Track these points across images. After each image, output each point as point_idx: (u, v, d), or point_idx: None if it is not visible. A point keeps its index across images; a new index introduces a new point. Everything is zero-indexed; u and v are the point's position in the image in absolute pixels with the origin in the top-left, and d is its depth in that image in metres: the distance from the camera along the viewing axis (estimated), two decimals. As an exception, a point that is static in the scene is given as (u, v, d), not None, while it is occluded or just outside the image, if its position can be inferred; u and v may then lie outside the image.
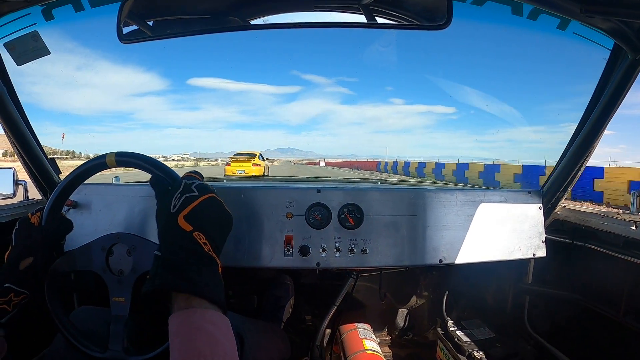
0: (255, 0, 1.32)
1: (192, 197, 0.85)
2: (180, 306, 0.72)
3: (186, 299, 0.72)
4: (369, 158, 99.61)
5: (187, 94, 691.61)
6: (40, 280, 1.03)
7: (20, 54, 1.47)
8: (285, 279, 2.23)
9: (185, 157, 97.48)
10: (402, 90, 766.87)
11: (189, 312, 0.71)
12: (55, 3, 1.39)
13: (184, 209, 0.82)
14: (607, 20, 1.27)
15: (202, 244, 0.80)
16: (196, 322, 0.70)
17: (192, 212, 0.82)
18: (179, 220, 0.81)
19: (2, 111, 1.49)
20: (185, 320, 0.70)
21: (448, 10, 1.14)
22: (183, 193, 0.85)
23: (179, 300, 0.72)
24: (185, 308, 0.72)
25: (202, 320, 0.70)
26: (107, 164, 1.03)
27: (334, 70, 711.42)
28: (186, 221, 0.81)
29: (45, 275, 1.04)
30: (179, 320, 0.71)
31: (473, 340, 1.88)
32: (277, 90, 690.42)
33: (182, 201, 0.84)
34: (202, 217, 0.83)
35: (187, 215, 0.82)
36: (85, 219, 1.56)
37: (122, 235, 1.05)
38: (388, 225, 1.59)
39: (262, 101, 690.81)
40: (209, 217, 0.85)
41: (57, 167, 1.74)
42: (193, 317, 0.71)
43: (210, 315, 0.72)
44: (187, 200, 0.84)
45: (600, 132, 1.53)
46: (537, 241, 1.69)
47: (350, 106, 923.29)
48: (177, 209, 0.83)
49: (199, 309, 0.72)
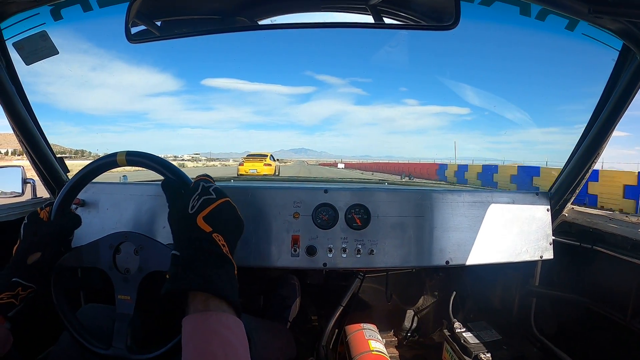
0: (263, 0, 1.32)
1: (210, 200, 0.85)
2: (197, 308, 0.72)
3: (204, 301, 0.73)
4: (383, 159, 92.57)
5: (201, 95, 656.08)
6: (47, 275, 1.04)
7: (29, 54, 1.48)
8: (292, 279, 2.23)
9: (196, 157, 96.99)
10: (416, 91, 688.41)
11: (206, 315, 0.71)
12: (64, 3, 1.40)
13: (203, 210, 0.83)
14: (615, 21, 1.27)
15: (221, 245, 0.80)
16: (212, 326, 0.70)
17: (211, 214, 0.83)
18: (197, 221, 0.82)
19: (11, 110, 1.50)
20: (201, 323, 0.70)
21: (456, 10, 1.13)
22: (201, 195, 0.86)
23: (196, 302, 0.73)
24: (202, 310, 0.72)
25: (218, 324, 0.71)
26: (117, 163, 1.04)
27: (348, 70, 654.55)
28: (205, 222, 0.82)
29: (52, 271, 1.05)
30: (194, 323, 0.71)
31: (479, 342, 1.86)
32: (290, 91, 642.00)
33: (201, 203, 0.84)
34: (220, 219, 0.84)
35: (206, 217, 0.82)
36: (93, 217, 1.57)
37: (130, 234, 1.05)
38: (395, 226, 1.59)
39: (275, 101, 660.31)
40: (226, 220, 0.86)
41: (65, 166, 1.76)
42: (209, 320, 0.71)
43: (226, 319, 0.72)
44: (206, 202, 0.85)
45: (609, 134, 1.52)
46: (545, 243, 1.68)
47: (364, 107, 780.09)
48: (196, 210, 0.83)
49: (215, 312, 0.72)
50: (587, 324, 1.74)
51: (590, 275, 1.73)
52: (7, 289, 0.95)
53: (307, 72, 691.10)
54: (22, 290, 0.97)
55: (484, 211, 1.64)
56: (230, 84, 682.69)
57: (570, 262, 1.78)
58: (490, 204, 1.65)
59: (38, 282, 1.01)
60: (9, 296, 0.94)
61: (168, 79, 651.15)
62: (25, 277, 0.98)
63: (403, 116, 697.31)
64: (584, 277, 1.76)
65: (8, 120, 1.53)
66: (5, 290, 0.95)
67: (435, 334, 2.39)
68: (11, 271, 0.98)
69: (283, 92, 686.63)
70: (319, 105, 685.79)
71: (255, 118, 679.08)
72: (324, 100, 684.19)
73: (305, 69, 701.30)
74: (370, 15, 1.26)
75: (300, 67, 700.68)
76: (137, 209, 1.57)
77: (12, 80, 1.49)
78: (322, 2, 1.31)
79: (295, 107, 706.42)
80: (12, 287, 0.96)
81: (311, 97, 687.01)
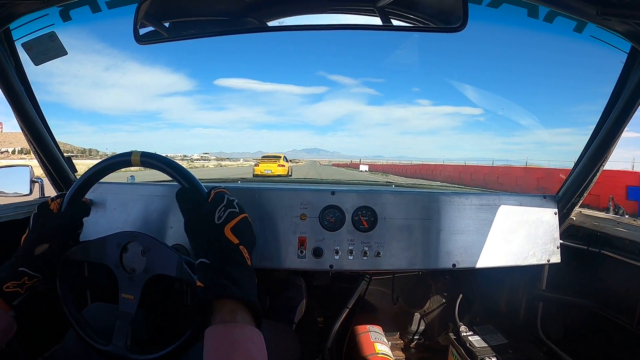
0: (270, 2, 1.33)
1: (235, 213, 0.88)
2: (224, 318, 0.73)
3: (232, 312, 0.74)
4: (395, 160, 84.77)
5: (214, 94, 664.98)
6: (54, 267, 1.05)
7: (38, 54, 1.50)
8: (298, 280, 2.23)
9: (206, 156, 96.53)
10: (428, 91, 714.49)
11: (230, 326, 0.73)
12: (73, 4, 1.41)
13: (229, 222, 0.85)
14: (623, 23, 1.26)
15: (247, 258, 0.83)
16: (235, 338, 0.71)
17: (237, 226, 0.85)
18: (225, 232, 0.83)
19: (20, 110, 1.51)
20: (226, 335, 0.72)
21: (464, 12, 1.13)
22: (227, 207, 0.88)
23: (224, 312, 0.74)
24: (228, 321, 0.73)
25: (242, 336, 0.72)
26: (131, 162, 1.05)
27: (361, 71, 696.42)
28: (233, 234, 0.84)
29: (58, 262, 1.06)
30: (219, 334, 0.72)
31: (485, 346, 1.85)
32: (303, 91, 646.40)
33: (227, 215, 0.86)
34: (244, 232, 0.87)
35: (233, 228, 0.85)
36: (100, 217, 1.57)
37: (139, 234, 1.05)
38: (402, 229, 1.58)
39: (288, 101, 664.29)
40: (248, 235, 0.88)
41: (73, 166, 1.77)
42: (233, 332, 0.72)
43: (250, 332, 0.74)
44: (232, 215, 0.87)
45: (618, 136, 1.50)
46: (552, 247, 1.67)
47: (376, 107, 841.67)
48: (223, 221, 0.85)
49: (239, 325, 0.73)
50: (594, 328, 1.72)
51: (597, 279, 1.72)
52: (14, 278, 0.96)
53: (320, 72, 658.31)
54: (28, 280, 0.98)
55: (491, 214, 1.63)
56: (243, 84, 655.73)
57: (577, 266, 1.77)
58: (497, 207, 1.64)
59: (44, 273, 1.02)
60: (15, 285, 0.96)
61: (181, 78, 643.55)
62: (32, 267, 0.99)
63: (416, 116, 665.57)
64: (591, 282, 1.74)
65: (17, 119, 1.54)
66: (11, 279, 0.96)
67: (441, 337, 2.38)
68: (19, 260, 0.99)
69: (295, 92, 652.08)
70: (332, 105, 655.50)
71: (268, 118, 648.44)
72: (336, 100, 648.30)
73: (317, 69, 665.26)
74: (378, 17, 1.26)
75: (312, 67, 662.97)
76: (144, 209, 1.58)
77: (21, 80, 1.50)
78: (330, 4, 1.32)
79: (307, 107, 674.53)
80: (19, 276, 0.97)
81: (324, 97, 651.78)
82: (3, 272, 0.97)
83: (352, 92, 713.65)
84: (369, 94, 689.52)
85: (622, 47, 1.42)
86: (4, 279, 0.95)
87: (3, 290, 0.94)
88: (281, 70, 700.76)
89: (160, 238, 1.06)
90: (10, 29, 1.41)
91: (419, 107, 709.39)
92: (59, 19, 1.45)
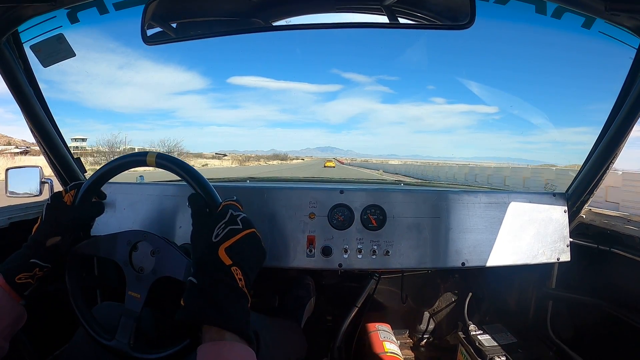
0: (277, 1, 1.33)
1: (236, 230, 0.86)
2: (212, 337, 0.73)
3: (218, 331, 0.74)
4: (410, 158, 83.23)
5: (227, 93, 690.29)
6: (64, 259, 1.06)
7: (46, 56, 1.51)
8: (307, 279, 2.23)
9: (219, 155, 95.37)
10: (443, 89, 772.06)
11: (220, 344, 0.73)
12: (80, 6, 1.42)
13: (226, 241, 0.84)
14: (632, 18, 1.25)
15: (237, 280, 0.81)
16: (225, 355, 0.72)
17: (234, 246, 0.84)
18: (219, 252, 0.82)
19: (29, 112, 1.52)
20: (215, 353, 0.72)
21: (471, 9, 1.13)
22: (228, 224, 0.87)
23: (212, 332, 0.74)
24: (217, 339, 0.73)
25: (231, 353, 0.72)
26: (146, 162, 1.04)
27: (375, 69, 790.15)
28: (227, 254, 0.82)
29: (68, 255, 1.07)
30: (208, 353, 0.72)
31: (494, 345, 1.84)
32: (317, 89, 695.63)
33: (226, 233, 0.85)
34: (242, 251, 0.85)
35: (228, 248, 0.83)
36: (110, 217, 1.58)
37: (149, 234, 1.05)
38: (411, 227, 1.58)
39: (302, 100, 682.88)
40: (248, 253, 0.86)
41: (82, 166, 1.79)
42: (222, 350, 0.72)
43: (239, 349, 0.74)
44: (231, 233, 0.85)
45: (627, 133, 1.49)
46: (562, 245, 1.66)
47: (390, 105, 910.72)
48: (220, 239, 0.84)
49: (228, 342, 0.73)
50: (604, 327, 1.71)
51: (607, 278, 1.70)
52: (25, 269, 0.97)
53: (334, 70, 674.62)
54: (39, 271, 0.99)
55: (500, 212, 1.62)
56: (256, 82, 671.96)
57: (587, 264, 1.76)
58: (506, 205, 1.63)
59: (54, 263, 1.03)
60: (26, 277, 0.97)
61: (195, 77, 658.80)
62: (43, 259, 1.00)
63: (430, 115, 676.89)
64: (601, 280, 1.73)
65: (26, 121, 1.55)
66: (23, 271, 0.97)
67: (450, 336, 2.37)
68: (30, 251, 1.00)
69: (309, 90, 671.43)
70: (346, 103, 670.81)
71: (282, 116, 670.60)
72: (350, 98, 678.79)
73: (331, 67, 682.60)
74: (384, 16, 1.26)
75: (326, 65, 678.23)
76: (153, 209, 1.59)
77: (30, 82, 1.51)
78: (337, 2, 1.32)
79: (321, 105, 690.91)
80: (30, 268, 0.98)
81: (338, 95, 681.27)
82: (14, 263, 0.98)
83: (366, 90, 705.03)
84: (383, 92, 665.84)
85: (631, 43, 1.40)
86: (15, 270, 0.96)
87: (15, 282, 0.95)
88: (294, 68, 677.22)
89: (169, 237, 1.06)
90: (18, 32, 1.42)
91: (434, 106, 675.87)
92: (67, 21, 1.46)
